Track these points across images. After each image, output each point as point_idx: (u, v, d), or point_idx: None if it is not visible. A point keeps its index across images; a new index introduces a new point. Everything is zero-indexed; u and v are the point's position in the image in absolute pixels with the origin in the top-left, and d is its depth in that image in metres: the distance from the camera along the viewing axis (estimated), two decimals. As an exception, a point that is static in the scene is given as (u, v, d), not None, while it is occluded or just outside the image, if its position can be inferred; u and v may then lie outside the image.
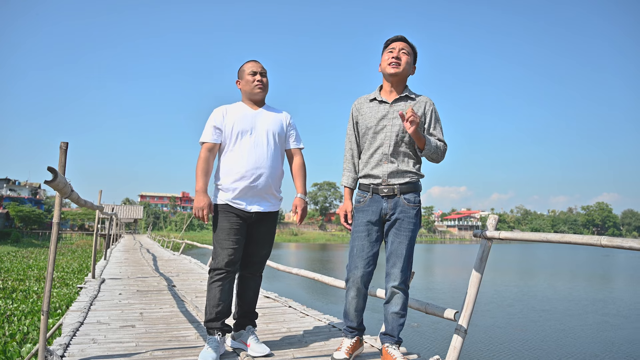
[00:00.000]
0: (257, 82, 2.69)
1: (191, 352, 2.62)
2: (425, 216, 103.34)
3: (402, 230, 2.43)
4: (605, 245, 2.13)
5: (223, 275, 2.55)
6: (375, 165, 2.47)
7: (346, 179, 2.60)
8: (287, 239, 72.50)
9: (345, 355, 2.44)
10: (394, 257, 2.44)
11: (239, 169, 2.58)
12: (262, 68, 2.73)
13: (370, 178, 2.49)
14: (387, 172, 2.44)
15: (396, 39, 2.50)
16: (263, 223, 2.69)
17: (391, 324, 2.46)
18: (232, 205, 2.59)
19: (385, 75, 2.52)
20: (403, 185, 2.44)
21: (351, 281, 2.48)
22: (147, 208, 75.39)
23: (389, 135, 2.44)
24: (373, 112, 2.50)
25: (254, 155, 2.60)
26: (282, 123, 2.76)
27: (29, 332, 5.51)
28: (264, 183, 2.61)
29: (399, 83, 2.51)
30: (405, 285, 2.46)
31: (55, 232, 2.31)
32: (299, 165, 2.80)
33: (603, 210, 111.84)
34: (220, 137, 2.65)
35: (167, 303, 4.46)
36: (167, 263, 10.23)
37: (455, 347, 2.57)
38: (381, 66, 2.53)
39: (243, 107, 2.72)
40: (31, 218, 41.35)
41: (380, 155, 2.46)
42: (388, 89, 2.52)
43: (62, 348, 2.54)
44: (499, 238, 2.68)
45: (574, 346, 7.31)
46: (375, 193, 2.47)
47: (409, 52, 2.49)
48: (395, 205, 2.43)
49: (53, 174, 1.88)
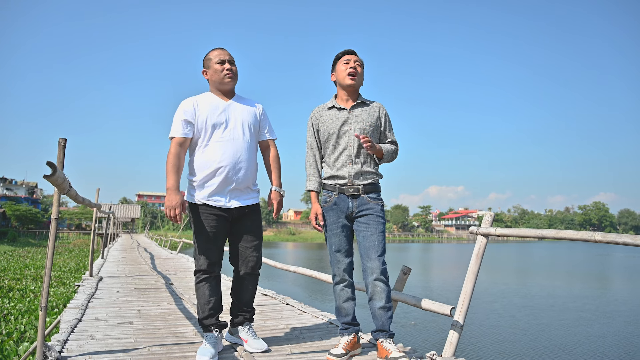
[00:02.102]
0: (226, 72, 2.57)
1: (189, 347, 2.63)
2: (422, 215, 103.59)
3: (372, 224, 2.55)
4: (600, 241, 2.16)
5: (207, 276, 2.55)
6: (341, 166, 2.61)
7: (312, 183, 2.69)
8: (285, 239, 72.48)
9: (343, 351, 2.46)
10: (368, 250, 2.52)
11: (216, 163, 2.49)
12: (230, 56, 2.62)
13: (336, 179, 2.62)
14: (353, 173, 2.59)
15: (348, 52, 2.67)
16: (247, 217, 2.64)
17: (380, 320, 2.50)
18: (210, 204, 2.51)
19: (342, 85, 2.66)
20: (367, 186, 2.60)
21: (337, 274, 2.63)
22: (144, 207, 75.26)
23: (352, 139, 2.60)
24: (333, 118, 2.65)
25: (231, 149, 2.52)
26: (255, 114, 2.69)
27: (26, 330, 5.49)
28: (243, 176, 2.56)
29: (355, 92, 2.69)
30: (384, 277, 2.51)
31: (54, 228, 2.31)
32: (274, 157, 2.77)
33: (600, 210, 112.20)
34: (192, 131, 2.52)
35: (165, 300, 4.47)
36: (164, 262, 10.22)
37: (451, 342, 2.59)
38: (337, 77, 2.68)
39: (213, 98, 2.60)
40: (28, 217, 41.16)
41: (345, 157, 2.61)
42: (344, 97, 2.69)
43: (60, 344, 2.55)
44: (494, 234, 2.71)
45: (570, 344, 7.36)
46: (341, 193, 2.61)
47: (362, 64, 2.68)
48: (360, 203, 2.59)
49: (52, 169, 1.88)
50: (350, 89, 2.65)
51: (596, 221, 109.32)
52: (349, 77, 2.61)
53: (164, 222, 70.93)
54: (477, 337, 7.62)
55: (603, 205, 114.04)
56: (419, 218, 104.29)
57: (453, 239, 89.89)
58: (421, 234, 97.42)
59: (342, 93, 2.68)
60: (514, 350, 6.87)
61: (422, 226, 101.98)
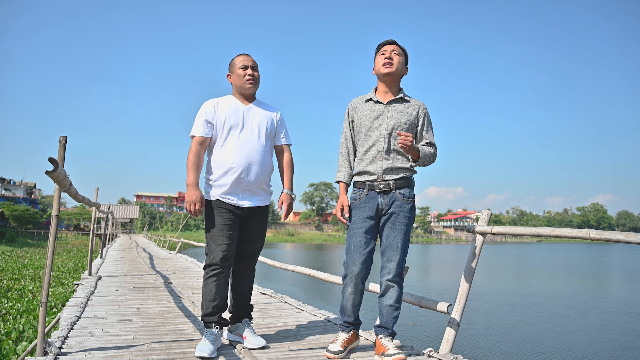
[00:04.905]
0: (248, 77, 2.67)
1: (188, 344, 2.65)
2: (421, 217, 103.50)
3: (398, 224, 2.49)
4: (594, 238, 2.19)
5: (218, 271, 2.58)
6: (370, 162, 2.54)
7: (342, 174, 2.64)
8: (284, 239, 72.43)
9: (340, 348, 2.48)
10: (389, 251, 2.49)
11: (230, 163, 2.58)
12: (254, 62, 2.72)
13: (365, 175, 2.55)
14: (382, 168, 2.50)
15: (387, 42, 2.60)
16: (255, 218, 2.71)
17: (386, 317, 2.51)
18: (223, 200, 2.60)
19: (379, 76, 2.60)
20: (398, 181, 2.50)
21: (349, 277, 2.53)
22: (143, 208, 75.18)
23: (383, 134, 2.52)
24: (369, 111, 2.58)
25: (244, 150, 2.60)
26: (272, 119, 2.77)
27: (24, 330, 5.50)
28: (255, 177, 2.62)
29: (393, 84, 2.59)
30: (400, 279, 2.51)
31: (55, 224, 2.33)
32: (288, 161, 2.83)
33: (598, 211, 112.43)
34: (211, 130, 2.63)
35: (164, 299, 4.49)
36: (163, 261, 10.23)
37: (448, 339, 2.62)
38: (375, 68, 2.62)
39: (234, 101, 2.71)
40: (26, 218, 41.09)
41: (375, 152, 2.53)
42: (383, 90, 2.60)
43: (60, 340, 2.56)
44: (491, 232, 2.74)
45: (567, 342, 7.38)
46: (371, 189, 2.52)
47: (400, 53, 2.58)
48: (391, 200, 2.49)
49: (54, 165, 1.90)
50: (388, 79, 2.56)
51: (594, 222, 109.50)
52: (383, 66, 2.53)
53: (163, 222, 70.89)
54: (474, 335, 7.65)
55: (601, 206, 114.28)
56: (418, 219, 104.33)
57: (452, 240, 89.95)
58: (420, 235, 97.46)
59: (381, 86, 2.60)
60: (510, 348, 6.90)
61: (421, 227, 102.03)
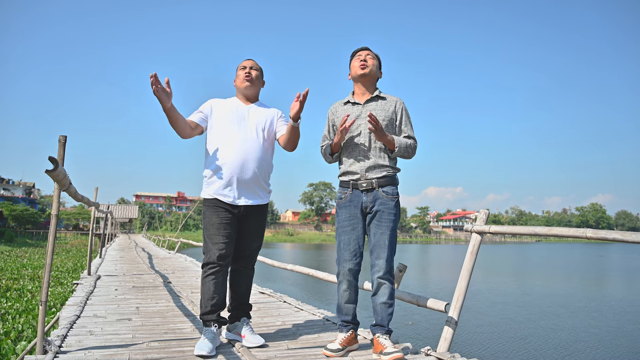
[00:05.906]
0: (245, 75, 2.74)
1: (187, 343, 2.66)
2: (420, 217, 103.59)
3: (383, 222, 2.54)
4: (590, 237, 2.20)
5: (216, 269, 2.59)
6: (353, 162, 2.62)
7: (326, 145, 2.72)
8: (283, 239, 72.43)
9: (339, 346, 2.49)
10: (377, 248, 2.54)
11: (225, 160, 2.60)
12: (253, 63, 2.80)
13: (349, 175, 2.63)
14: (365, 167, 2.58)
15: (361, 48, 2.72)
16: (253, 216, 2.72)
17: (380, 315, 2.53)
18: (220, 199, 2.61)
19: (355, 79, 2.70)
20: (381, 179, 2.57)
21: (341, 274, 2.61)
22: (142, 208, 75.17)
23: (364, 133, 2.60)
24: (347, 113, 2.65)
25: (242, 147, 2.62)
26: (272, 118, 2.79)
27: (23, 330, 5.51)
28: (251, 175, 2.63)
29: (369, 85, 2.69)
30: (390, 275, 2.55)
31: (54, 224, 2.34)
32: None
33: (597, 212, 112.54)
34: (203, 122, 2.70)
35: (163, 298, 4.50)
36: (162, 261, 10.24)
37: (445, 338, 2.63)
38: (351, 72, 2.73)
39: (235, 101, 2.79)
40: (25, 217, 41.02)
41: (357, 152, 2.62)
42: (360, 91, 2.70)
43: (59, 339, 2.57)
44: (489, 232, 2.75)
45: (565, 341, 7.41)
46: (355, 188, 2.60)
47: (374, 57, 2.70)
48: (375, 198, 2.56)
49: (54, 164, 1.91)
50: (364, 80, 2.66)
51: (593, 222, 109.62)
52: (360, 67, 2.63)
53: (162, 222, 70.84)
54: (472, 334, 7.68)
55: (600, 206, 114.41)
56: (417, 219, 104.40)
57: (451, 240, 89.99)
58: (419, 235, 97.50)
59: (357, 88, 2.71)
60: (507, 347, 6.92)
61: (420, 227, 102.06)
